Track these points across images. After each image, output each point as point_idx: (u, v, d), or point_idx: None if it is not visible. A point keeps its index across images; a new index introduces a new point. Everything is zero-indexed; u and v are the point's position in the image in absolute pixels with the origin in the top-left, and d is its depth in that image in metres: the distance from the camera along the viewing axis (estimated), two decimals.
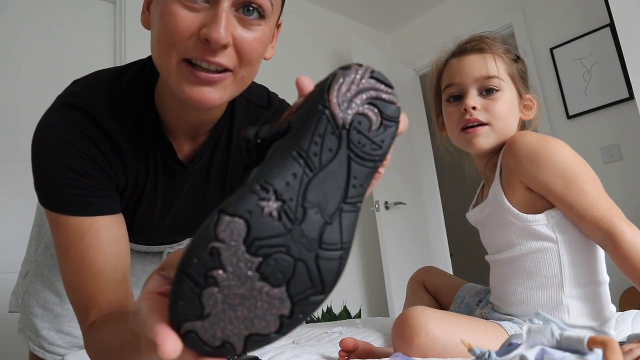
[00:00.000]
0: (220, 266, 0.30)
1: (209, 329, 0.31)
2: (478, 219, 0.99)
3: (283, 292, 0.31)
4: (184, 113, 0.70)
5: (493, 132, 0.92)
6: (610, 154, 2.62)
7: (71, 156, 0.64)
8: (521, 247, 0.89)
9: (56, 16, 2.23)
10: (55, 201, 0.64)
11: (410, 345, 0.74)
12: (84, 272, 0.62)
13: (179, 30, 0.57)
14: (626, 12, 2.26)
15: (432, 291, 1.15)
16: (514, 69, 0.96)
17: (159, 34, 0.60)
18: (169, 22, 0.57)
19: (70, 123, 0.65)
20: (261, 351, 0.86)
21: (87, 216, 0.64)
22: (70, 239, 0.63)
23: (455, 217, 3.23)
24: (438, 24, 3.49)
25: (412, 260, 2.84)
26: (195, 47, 0.58)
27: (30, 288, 0.97)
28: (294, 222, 0.31)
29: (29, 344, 0.97)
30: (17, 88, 2.05)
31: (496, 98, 0.92)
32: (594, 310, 0.86)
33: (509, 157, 0.88)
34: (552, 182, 0.83)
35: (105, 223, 0.65)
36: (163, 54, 0.60)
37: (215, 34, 0.56)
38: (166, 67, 0.61)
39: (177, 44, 0.58)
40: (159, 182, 0.75)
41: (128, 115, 0.69)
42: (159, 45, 0.60)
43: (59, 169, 0.63)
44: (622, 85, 2.57)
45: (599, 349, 0.41)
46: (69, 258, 0.64)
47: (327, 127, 0.32)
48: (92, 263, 0.62)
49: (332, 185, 0.32)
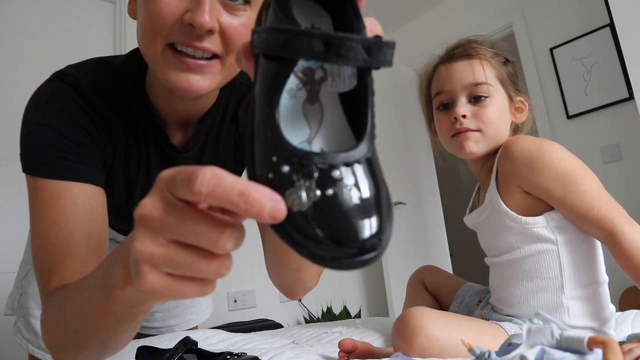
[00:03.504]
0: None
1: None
2: (476, 223, 0.99)
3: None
4: (174, 103, 0.69)
5: (484, 138, 0.92)
6: (610, 154, 2.62)
7: (62, 121, 0.63)
8: (521, 250, 0.88)
9: (56, 16, 2.23)
10: (36, 164, 0.62)
11: (410, 346, 0.74)
12: (54, 235, 0.58)
13: (162, 17, 0.57)
14: (626, 12, 2.26)
15: (432, 290, 1.15)
16: (503, 72, 0.95)
17: (144, 21, 0.59)
18: (153, 8, 0.57)
19: (62, 92, 0.65)
20: (261, 351, 0.86)
21: (68, 181, 0.61)
22: (45, 202, 0.60)
23: (455, 217, 3.23)
24: (438, 24, 3.49)
25: (412, 260, 2.84)
26: (180, 32, 0.57)
27: (29, 289, 0.96)
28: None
29: (27, 346, 0.95)
30: (17, 88, 2.05)
31: (485, 105, 0.91)
32: (594, 311, 0.86)
33: (505, 162, 0.87)
34: (551, 185, 0.83)
35: (85, 190, 0.62)
36: (149, 41, 0.60)
37: (200, 18, 0.55)
38: (152, 54, 0.60)
39: (161, 29, 0.58)
40: (152, 166, 0.74)
41: (116, 95, 0.68)
42: (144, 32, 0.60)
43: (46, 132, 0.62)
44: (622, 85, 2.57)
45: (599, 348, 0.41)
46: (40, 222, 0.60)
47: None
48: (63, 225, 0.59)
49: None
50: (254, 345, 0.97)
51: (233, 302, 2.46)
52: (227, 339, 1.04)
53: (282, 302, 2.67)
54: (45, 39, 2.17)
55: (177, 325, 1.11)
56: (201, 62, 0.59)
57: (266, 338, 1.08)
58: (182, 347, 0.70)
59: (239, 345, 0.98)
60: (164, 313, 1.09)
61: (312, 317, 2.66)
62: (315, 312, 2.71)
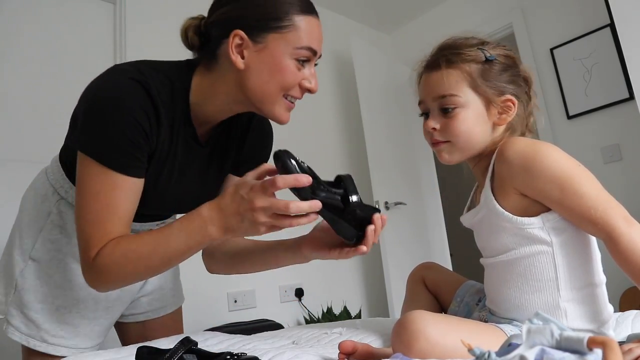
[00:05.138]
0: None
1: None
2: (472, 223, 0.99)
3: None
4: (224, 112, 0.94)
5: (455, 149, 0.93)
6: (611, 154, 2.62)
7: (133, 128, 0.80)
8: (515, 251, 0.88)
9: (56, 16, 2.23)
10: (106, 156, 0.80)
11: (409, 350, 0.74)
12: (107, 214, 0.81)
13: (289, 82, 0.86)
14: (626, 12, 2.26)
15: (432, 288, 1.14)
16: (478, 77, 0.91)
17: (267, 78, 0.85)
18: (282, 75, 0.85)
19: (134, 96, 0.81)
20: (261, 352, 0.86)
21: (125, 175, 0.81)
22: (103, 187, 0.80)
23: (455, 217, 3.23)
24: (438, 24, 3.49)
25: (412, 260, 2.84)
26: (296, 90, 0.89)
27: (25, 285, 0.98)
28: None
29: (28, 341, 0.97)
30: (17, 88, 2.05)
31: (453, 116, 0.91)
32: (592, 313, 0.85)
33: (502, 165, 0.87)
34: (548, 188, 0.82)
35: (134, 183, 0.84)
36: (273, 92, 0.87)
37: (316, 87, 0.90)
38: (271, 97, 0.87)
39: (287, 88, 0.87)
40: (178, 154, 0.91)
41: (167, 97, 0.87)
42: (270, 85, 0.86)
43: (119, 135, 0.80)
44: (622, 86, 2.57)
45: (599, 349, 0.41)
46: (94, 203, 0.81)
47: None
48: (114, 211, 0.81)
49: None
50: (254, 345, 0.97)
51: (233, 302, 2.46)
52: (227, 339, 1.04)
53: (282, 302, 2.67)
54: (45, 39, 2.17)
55: (162, 309, 1.20)
56: (294, 106, 0.92)
57: (266, 339, 1.08)
58: (182, 347, 0.70)
59: (239, 346, 0.98)
60: (148, 296, 1.17)
61: (312, 317, 2.66)
62: (315, 312, 2.71)
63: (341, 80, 3.35)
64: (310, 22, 0.87)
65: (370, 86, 3.10)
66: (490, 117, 0.92)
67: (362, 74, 3.05)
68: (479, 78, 0.91)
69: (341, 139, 3.27)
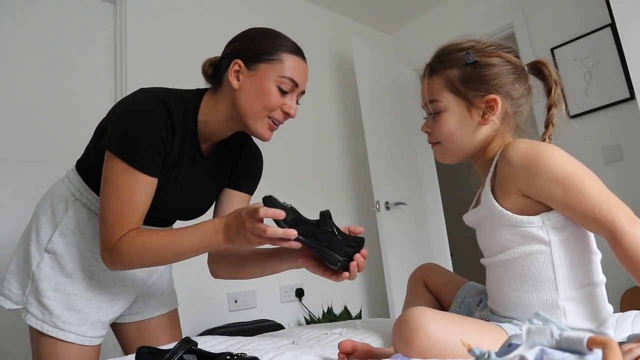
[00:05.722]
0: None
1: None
2: (473, 221, 0.99)
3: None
4: (224, 131, 1.12)
5: (445, 150, 1.00)
6: (611, 154, 2.62)
7: (154, 136, 0.99)
8: (514, 250, 0.88)
9: (56, 16, 2.23)
10: (132, 157, 0.98)
11: (410, 346, 0.74)
12: (128, 207, 0.98)
13: (272, 105, 1.05)
14: (627, 12, 2.26)
15: (432, 289, 1.14)
16: (457, 82, 0.94)
17: (255, 100, 1.04)
18: (267, 99, 1.04)
19: (158, 112, 1.01)
20: (261, 352, 0.86)
21: (144, 174, 0.99)
22: (126, 182, 0.98)
23: (455, 217, 3.23)
24: (438, 24, 3.49)
25: (412, 260, 2.84)
26: (278, 114, 1.07)
27: (41, 275, 1.09)
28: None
29: (42, 326, 1.07)
30: (17, 88, 2.06)
31: (439, 119, 0.98)
32: (591, 312, 0.85)
33: (504, 166, 0.88)
34: (551, 188, 0.83)
35: (152, 181, 1.01)
36: (257, 111, 1.05)
37: (294, 112, 1.08)
38: (255, 116, 1.05)
39: (270, 110, 1.05)
40: (183, 164, 1.09)
41: (181, 115, 1.05)
42: (255, 105, 1.04)
43: (143, 141, 0.98)
44: (622, 86, 2.57)
45: (599, 349, 0.41)
46: (118, 195, 0.98)
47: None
48: (133, 203, 0.99)
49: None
50: (254, 345, 0.97)
51: (234, 302, 2.46)
52: (227, 340, 1.04)
53: (282, 302, 2.67)
54: (46, 39, 2.17)
55: (157, 309, 1.30)
56: (276, 127, 1.10)
57: (266, 339, 1.08)
58: (182, 348, 0.70)
59: (239, 346, 0.98)
60: (144, 297, 1.27)
61: (312, 317, 2.66)
62: (315, 312, 2.71)
63: (341, 80, 3.35)
64: (296, 61, 1.06)
65: (371, 86, 3.10)
66: (473, 117, 0.95)
67: (363, 74, 3.05)
68: (458, 82, 0.95)
69: (341, 139, 3.27)
